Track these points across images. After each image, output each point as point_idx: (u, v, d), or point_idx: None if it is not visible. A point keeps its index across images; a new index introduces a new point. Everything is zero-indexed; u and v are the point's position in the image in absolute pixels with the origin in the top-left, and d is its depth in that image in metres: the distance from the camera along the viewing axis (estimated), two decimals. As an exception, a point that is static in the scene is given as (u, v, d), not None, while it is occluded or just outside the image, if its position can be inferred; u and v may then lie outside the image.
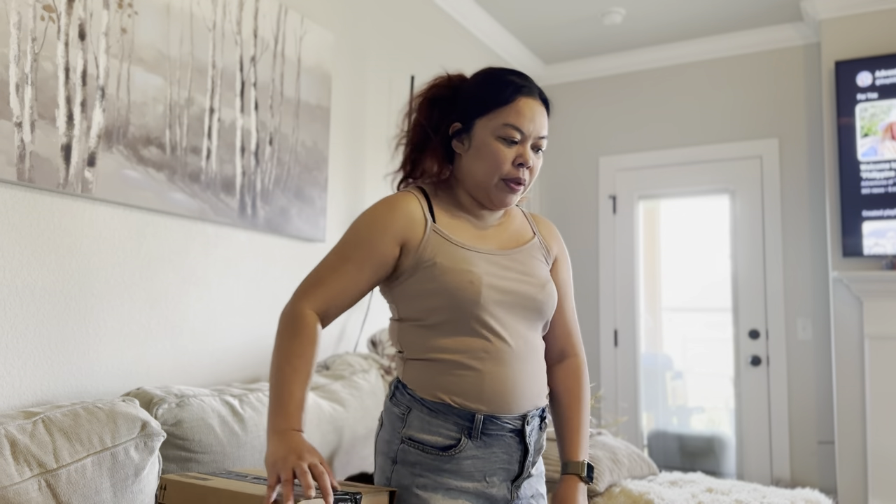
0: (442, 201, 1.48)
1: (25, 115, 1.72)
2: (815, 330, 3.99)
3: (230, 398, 1.91)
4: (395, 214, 1.41)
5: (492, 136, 1.40)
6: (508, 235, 1.51)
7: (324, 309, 1.39)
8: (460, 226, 1.46)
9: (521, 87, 1.41)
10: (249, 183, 2.38)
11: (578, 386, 1.52)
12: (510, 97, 1.40)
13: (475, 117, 1.42)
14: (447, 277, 1.37)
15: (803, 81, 4.13)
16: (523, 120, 1.39)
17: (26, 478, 1.37)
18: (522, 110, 1.39)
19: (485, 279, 1.37)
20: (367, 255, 1.39)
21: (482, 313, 1.37)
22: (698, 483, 2.47)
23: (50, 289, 1.79)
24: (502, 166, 1.40)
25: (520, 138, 1.40)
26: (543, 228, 1.58)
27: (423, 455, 1.37)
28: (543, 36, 4.35)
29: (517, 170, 1.40)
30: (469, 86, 1.47)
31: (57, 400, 1.78)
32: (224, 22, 2.30)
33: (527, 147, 1.41)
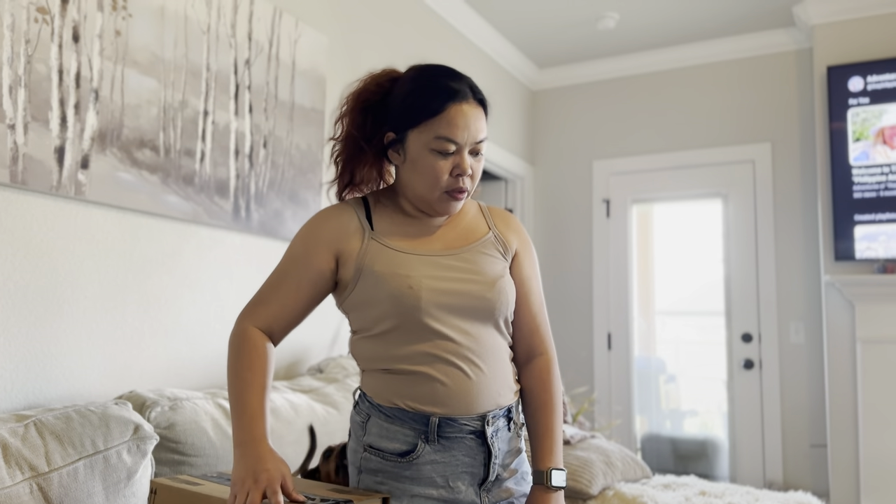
0: (384, 207, 1.44)
1: (19, 117, 1.71)
2: (807, 333, 4.01)
3: (223, 401, 1.90)
4: (327, 226, 1.40)
5: (425, 150, 1.33)
6: (457, 234, 1.45)
7: (267, 327, 1.39)
8: (402, 231, 1.41)
9: (452, 94, 1.33)
10: (243, 186, 2.38)
11: (544, 387, 1.44)
12: (440, 107, 1.32)
13: (406, 129, 1.36)
14: (386, 284, 1.34)
15: (796, 86, 4.15)
16: (456, 130, 1.32)
17: (18, 481, 1.36)
18: (454, 119, 1.32)
19: (424, 282, 1.33)
20: (303, 270, 1.39)
21: (425, 318, 1.33)
22: (692, 486, 2.48)
23: (42, 291, 1.78)
24: (440, 180, 1.34)
25: (455, 149, 1.33)
26: (500, 222, 1.51)
27: (384, 462, 1.35)
28: (538, 40, 4.36)
29: (457, 180, 1.35)
30: (398, 93, 1.39)
31: (49, 403, 1.78)
32: (218, 25, 2.30)
33: (464, 155, 1.34)
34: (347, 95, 1.45)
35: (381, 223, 1.41)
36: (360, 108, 1.42)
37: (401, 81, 1.41)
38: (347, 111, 1.44)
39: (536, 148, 4.91)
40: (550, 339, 1.50)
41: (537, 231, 4.83)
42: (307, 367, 2.67)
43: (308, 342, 2.71)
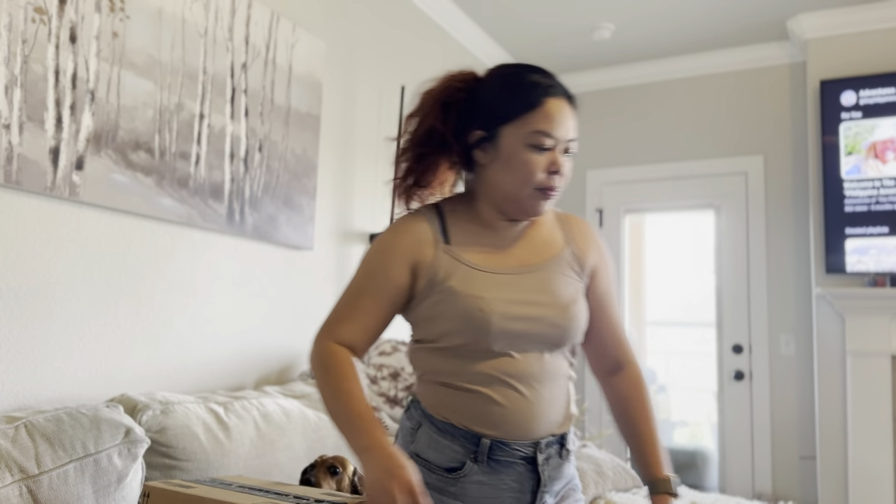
0: (459, 216, 1.38)
1: (14, 116, 1.71)
2: (798, 345, 4.03)
3: (215, 406, 1.89)
4: (402, 238, 1.35)
5: (521, 145, 1.29)
6: (534, 248, 1.39)
7: (349, 345, 1.33)
8: (478, 243, 1.36)
9: (548, 88, 1.29)
10: (238, 189, 2.37)
11: (643, 395, 1.42)
12: (537, 100, 1.28)
13: (500, 124, 1.30)
14: (458, 303, 1.29)
15: (789, 99, 4.18)
16: (553, 124, 1.28)
17: (7, 483, 1.35)
18: (552, 113, 1.28)
19: (497, 307, 1.29)
20: (381, 286, 1.33)
21: (494, 341, 1.29)
22: (682, 497, 2.48)
23: (35, 292, 1.77)
24: (535, 176, 1.29)
25: (551, 144, 1.29)
26: (578, 234, 1.44)
27: (429, 474, 1.31)
28: (533, 50, 4.38)
29: (550, 178, 1.30)
30: (489, 88, 1.35)
31: (39, 405, 1.76)
32: (216, 28, 2.30)
33: (558, 153, 1.30)
34: (423, 94, 1.39)
35: (456, 234, 1.36)
36: (442, 104, 1.35)
37: (488, 78, 1.36)
38: (427, 108, 1.37)
39: (530, 157, 4.92)
40: (632, 347, 1.48)
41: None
42: (299, 372, 2.66)
43: (300, 347, 2.70)
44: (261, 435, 1.93)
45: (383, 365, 2.66)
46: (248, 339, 2.45)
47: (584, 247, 1.43)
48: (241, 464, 1.85)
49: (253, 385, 2.46)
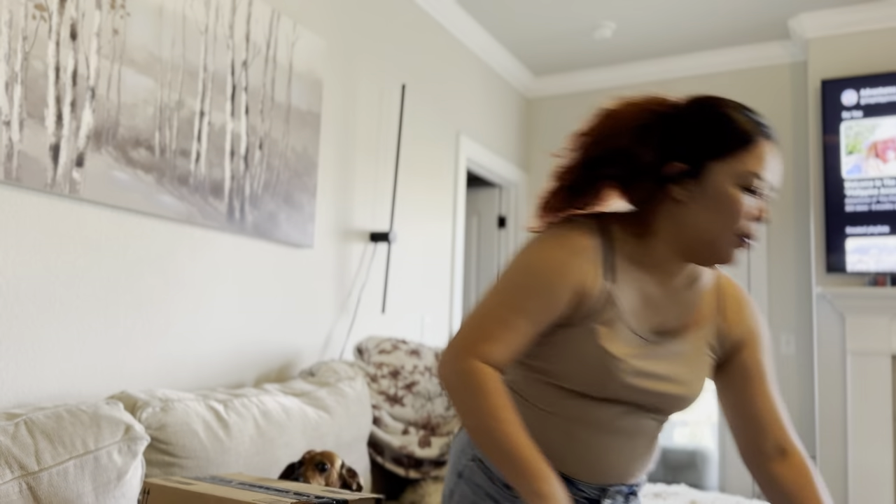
0: (627, 250, 1.24)
1: (14, 113, 1.70)
2: (798, 345, 4.02)
3: (215, 403, 1.89)
4: (576, 261, 1.19)
5: (730, 184, 1.17)
6: (686, 310, 1.28)
7: (495, 367, 1.19)
8: (637, 289, 1.24)
9: (763, 128, 1.19)
10: (238, 187, 2.37)
11: (816, 487, 1.24)
12: (753, 139, 1.17)
13: (708, 159, 1.18)
14: (591, 352, 1.20)
15: (789, 99, 4.18)
16: (765, 167, 1.17)
17: (7, 480, 1.35)
18: (765, 155, 1.17)
19: (625, 375, 1.20)
20: (545, 306, 1.18)
21: (605, 397, 1.22)
22: (682, 495, 2.48)
23: (34, 289, 1.77)
24: (740, 219, 1.17)
25: (760, 188, 1.17)
26: (730, 304, 1.32)
27: (489, 483, 1.28)
28: (534, 48, 4.37)
29: (752, 224, 1.19)
30: (696, 118, 1.21)
31: (40, 402, 1.76)
32: (216, 25, 2.30)
33: (762, 198, 1.19)
34: (606, 112, 1.27)
35: (621, 272, 1.23)
36: (641, 127, 1.22)
37: (693, 107, 1.22)
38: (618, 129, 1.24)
39: (530, 155, 4.92)
40: (794, 433, 1.31)
41: (530, 238, 4.83)
42: (298, 370, 2.66)
43: (300, 345, 2.70)
44: (260, 433, 1.93)
45: (383, 363, 2.66)
46: (247, 337, 2.45)
47: (732, 321, 1.31)
48: (240, 461, 1.84)
49: (253, 382, 2.46)
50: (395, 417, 2.58)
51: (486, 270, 4.82)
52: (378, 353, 2.70)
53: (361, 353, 2.74)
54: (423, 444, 2.54)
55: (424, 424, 2.60)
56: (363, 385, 2.48)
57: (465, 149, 4.05)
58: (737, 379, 1.31)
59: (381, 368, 2.65)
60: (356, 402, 2.37)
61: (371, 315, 3.15)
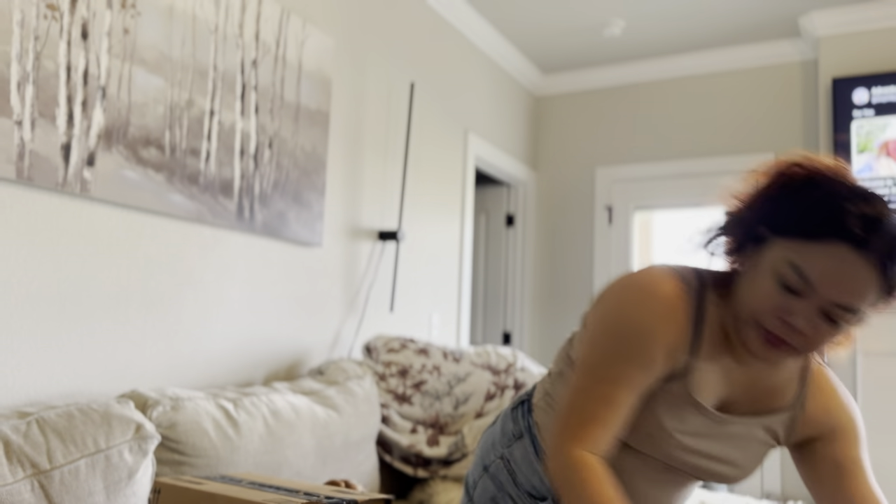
0: (716, 314, 1.13)
1: (26, 113, 1.71)
2: (807, 344, 4.00)
3: (225, 402, 1.90)
4: (668, 329, 1.08)
5: (773, 268, 1.02)
6: (756, 391, 1.17)
7: (604, 450, 1.09)
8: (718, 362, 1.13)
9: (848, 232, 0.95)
10: (248, 186, 2.38)
11: None
12: (821, 235, 0.97)
13: (776, 233, 1.03)
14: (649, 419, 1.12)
15: (800, 97, 4.16)
16: (818, 272, 0.97)
17: (19, 478, 1.36)
18: (826, 260, 0.97)
19: (668, 447, 1.12)
20: (644, 373, 1.07)
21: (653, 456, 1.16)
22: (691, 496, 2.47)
23: (46, 288, 1.78)
24: (763, 307, 1.03)
25: (801, 289, 0.99)
26: (815, 395, 1.20)
27: (511, 485, 1.26)
28: (542, 45, 4.36)
29: (782, 325, 1.02)
30: (795, 186, 1.04)
31: (51, 400, 1.77)
32: (226, 25, 2.30)
33: (811, 307, 1.00)
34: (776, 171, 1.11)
35: (707, 341, 1.12)
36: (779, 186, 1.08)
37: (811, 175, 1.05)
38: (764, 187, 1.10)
39: (539, 153, 4.91)
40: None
41: (538, 236, 4.83)
42: (307, 368, 2.67)
43: (308, 343, 2.70)
44: (270, 431, 1.93)
45: (392, 362, 2.66)
46: (257, 335, 2.46)
47: (816, 412, 1.19)
48: (250, 460, 1.85)
49: (262, 381, 2.47)
50: (403, 416, 2.59)
51: (494, 269, 4.82)
52: (386, 352, 2.70)
53: (370, 352, 2.74)
54: (432, 443, 2.55)
55: (433, 423, 2.60)
56: (372, 384, 2.49)
57: (474, 147, 4.05)
58: (828, 473, 1.17)
59: (389, 367, 2.65)
60: (365, 401, 2.37)
61: (379, 314, 3.15)
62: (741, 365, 1.15)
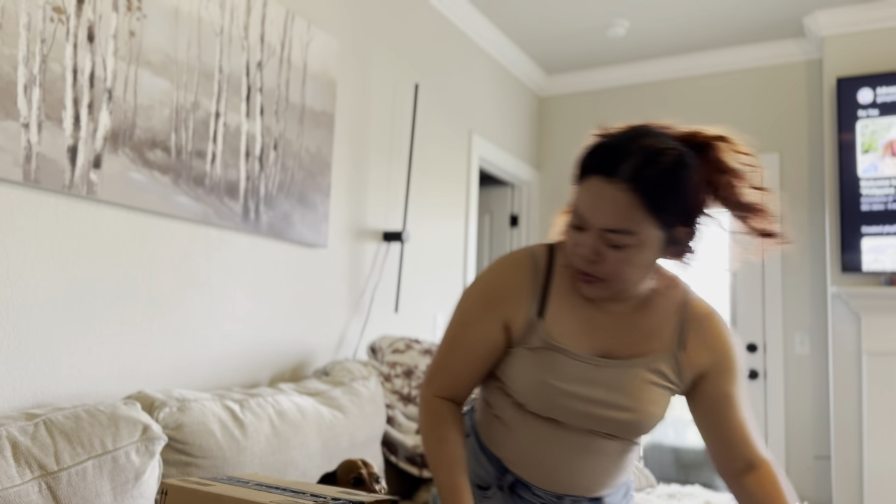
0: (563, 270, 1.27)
1: (33, 115, 1.72)
2: (812, 345, 4.00)
3: (231, 403, 1.90)
4: (499, 292, 1.26)
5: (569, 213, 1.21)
6: (631, 336, 1.25)
7: (449, 395, 1.29)
8: (573, 311, 1.25)
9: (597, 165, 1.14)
10: (253, 188, 2.38)
11: (782, 494, 1.25)
12: (583, 172, 1.16)
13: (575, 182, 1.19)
14: (528, 378, 1.24)
15: (805, 97, 4.15)
16: (584, 205, 1.14)
17: (27, 480, 1.36)
18: (587, 194, 1.14)
19: (557, 399, 1.22)
20: (476, 338, 1.26)
21: (552, 417, 1.25)
22: (696, 496, 2.47)
23: (53, 290, 1.79)
24: (568, 249, 1.20)
25: (581, 224, 1.16)
26: (695, 335, 1.27)
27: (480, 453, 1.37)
28: (547, 46, 4.37)
29: (578, 259, 1.18)
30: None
31: (58, 402, 1.78)
32: (231, 27, 2.31)
33: (590, 236, 1.15)
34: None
35: (556, 293, 1.26)
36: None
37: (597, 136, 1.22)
38: None
39: (543, 153, 4.91)
40: (763, 445, 1.30)
41: (542, 236, 4.83)
42: (313, 369, 2.67)
43: (314, 344, 2.71)
44: (276, 432, 1.94)
45: (397, 363, 2.66)
46: (262, 337, 2.46)
47: (694, 353, 1.26)
48: (256, 461, 1.85)
49: (268, 382, 2.47)
50: (408, 417, 2.59)
51: (499, 269, 4.81)
52: (391, 353, 2.70)
53: (375, 353, 2.74)
54: (437, 444, 2.55)
55: (438, 424, 2.60)
56: (377, 384, 2.49)
57: (478, 148, 4.05)
58: (705, 406, 1.29)
59: (394, 368, 2.65)
60: (370, 402, 2.37)
61: (384, 314, 3.15)
62: (605, 313, 1.25)
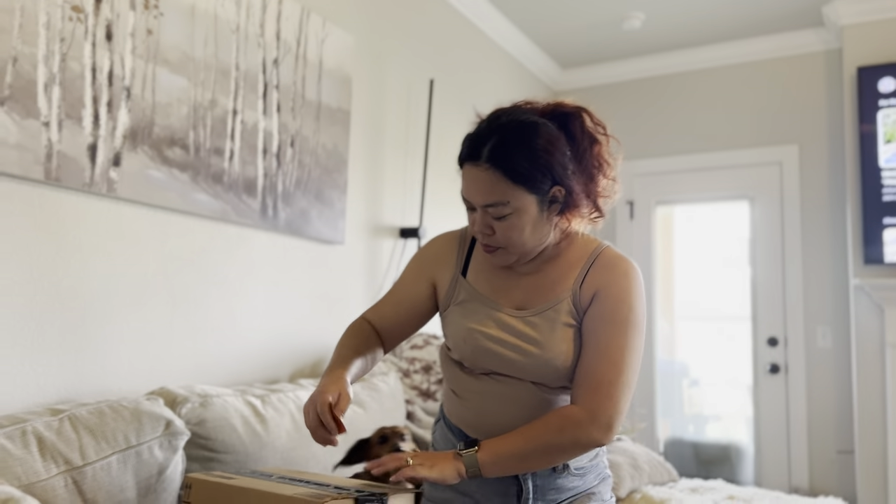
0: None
1: (53, 114, 1.73)
2: (835, 338, 3.96)
3: (252, 398, 1.91)
4: (428, 254, 1.51)
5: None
6: (540, 287, 1.39)
7: (378, 326, 1.50)
8: (489, 272, 1.44)
9: (465, 154, 1.33)
10: (271, 185, 2.39)
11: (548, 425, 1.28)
12: (460, 162, 1.35)
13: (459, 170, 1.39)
14: (455, 327, 1.41)
15: (824, 87, 4.10)
16: (465, 189, 1.34)
17: (53, 474, 1.37)
18: (464, 180, 1.34)
19: (481, 342, 1.37)
20: (404, 290, 1.50)
21: (476, 367, 1.40)
22: (719, 490, 2.45)
23: (74, 287, 1.80)
24: (469, 227, 1.40)
25: (469, 204, 1.34)
26: (593, 273, 1.36)
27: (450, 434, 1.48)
28: (562, 41, 4.34)
29: (477, 233, 1.36)
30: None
31: (81, 398, 1.79)
32: (247, 24, 2.31)
33: (480, 215, 1.33)
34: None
35: (476, 260, 1.46)
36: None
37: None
38: None
39: (559, 149, 4.88)
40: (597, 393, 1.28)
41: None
42: (332, 366, 2.67)
43: (332, 340, 2.71)
44: (297, 427, 1.94)
45: (416, 358, 2.66)
46: (282, 333, 2.47)
47: (589, 287, 1.35)
48: (277, 456, 1.86)
49: (288, 378, 2.48)
50: (427, 412, 2.59)
51: (516, 265, 4.80)
52: (410, 349, 2.70)
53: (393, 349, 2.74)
54: (457, 439, 2.54)
55: (458, 419, 2.59)
56: (396, 380, 2.49)
57: (494, 143, 4.03)
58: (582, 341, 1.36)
59: (413, 363, 2.65)
60: (389, 398, 2.37)
61: (402, 311, 3.15)
62: (517, 273, 1.41)
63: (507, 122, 1.32)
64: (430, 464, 1.26)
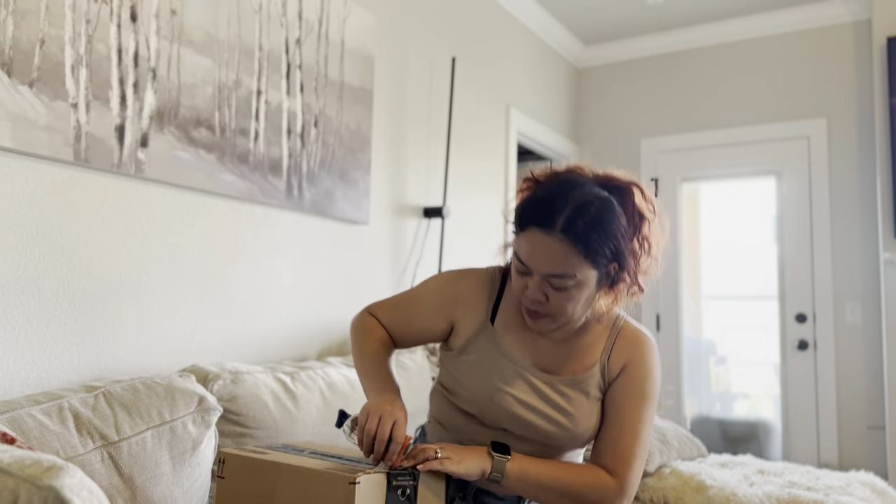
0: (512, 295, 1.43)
1: (81, 95, 1.74)
2: (864, 313, 3.90)
3: (282, 375, 1.92)
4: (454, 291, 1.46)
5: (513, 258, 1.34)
6: (568, 352, 1.40)
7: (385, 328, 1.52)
8: (520, 324, 1.40)
9: (533, 217, 1.27)
10: (296, 165, 2.39)
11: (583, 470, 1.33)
12: (522, 223, 1.29)
13: (515, 231, 1.33)
14: (476, 381, 1.38)
15: (853, 59, 4.02)
16: (526, 254, 1.28)
17: (89, 449, 1.39)
18: (525, 243, 1.28)
19: (512, 407, 1.35)
20: (419, 315, 1.48)
21: (495, 425, 1.38)
22: (749, 465, 2.44)
23: (105, 267, 1.82)
24: (514, 289, 1.34)
25: (525, 270, 1.29)
26: (619, 347, 1.39)
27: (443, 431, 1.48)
28: (584, 16, 4.29)
29: (526, 300, 1.31)
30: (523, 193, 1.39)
31: (114, 376, 1.82)
32: (270, 4, 2.31)
33: (534, 280, 1.28)
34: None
35: (505, 308, 1.42)
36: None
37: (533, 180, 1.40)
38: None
39: (581, 126, 4.85)
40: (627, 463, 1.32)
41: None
42: (359, 345, 2.69)
43: (359, 320, 2.72)
44: (327, 404, 1.96)
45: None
46: (308, 312, 2.48)
47: (616, 360, 1.38)
48: (308, 431, 1.88)
49: (316, 356, 2.50)
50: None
51: (539, 245, 4.78)
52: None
53: (420, 328, 2.75)
54: (484, 417, 2.55)
55: (484, 397, 2.60)
56: (423, 358, 2.50)
57: (516, 122, 4.01)
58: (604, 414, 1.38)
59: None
60: (417, 375, 2.38)
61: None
62: (546, 338, 1.39)
63: (585, 196, 1.27)
64: (457, 458, 1.26)
